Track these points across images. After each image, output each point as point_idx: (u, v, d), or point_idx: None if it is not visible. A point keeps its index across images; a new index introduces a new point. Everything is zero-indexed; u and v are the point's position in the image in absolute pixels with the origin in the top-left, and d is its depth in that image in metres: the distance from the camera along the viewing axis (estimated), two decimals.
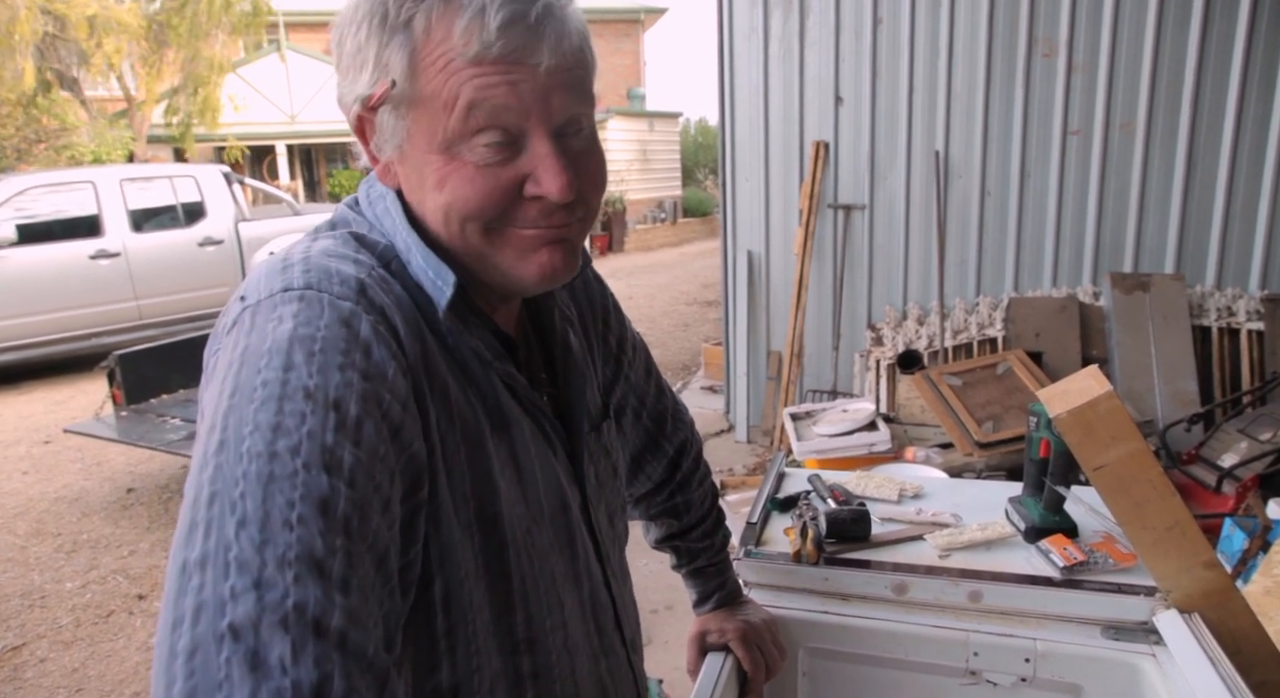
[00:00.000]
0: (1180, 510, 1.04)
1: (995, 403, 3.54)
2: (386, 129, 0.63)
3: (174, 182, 7.18)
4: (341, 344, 0.54)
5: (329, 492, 0.49)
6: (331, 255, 0.61)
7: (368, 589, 0.49)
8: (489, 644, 0.64)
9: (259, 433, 0.50)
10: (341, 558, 0.48)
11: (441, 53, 0.59)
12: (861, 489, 1.49)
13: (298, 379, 0.52)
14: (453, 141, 0.61)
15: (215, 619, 0.45)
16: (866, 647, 1.23)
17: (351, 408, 0.52)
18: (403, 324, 0.60)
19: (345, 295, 0.57)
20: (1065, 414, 1.04)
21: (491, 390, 0.67)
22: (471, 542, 0.62)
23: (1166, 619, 1.08)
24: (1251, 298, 3.70)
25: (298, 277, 0.58)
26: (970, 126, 4.01)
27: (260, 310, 0.57)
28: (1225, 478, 3.06)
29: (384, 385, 0.55)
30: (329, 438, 0.51)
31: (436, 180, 0.62)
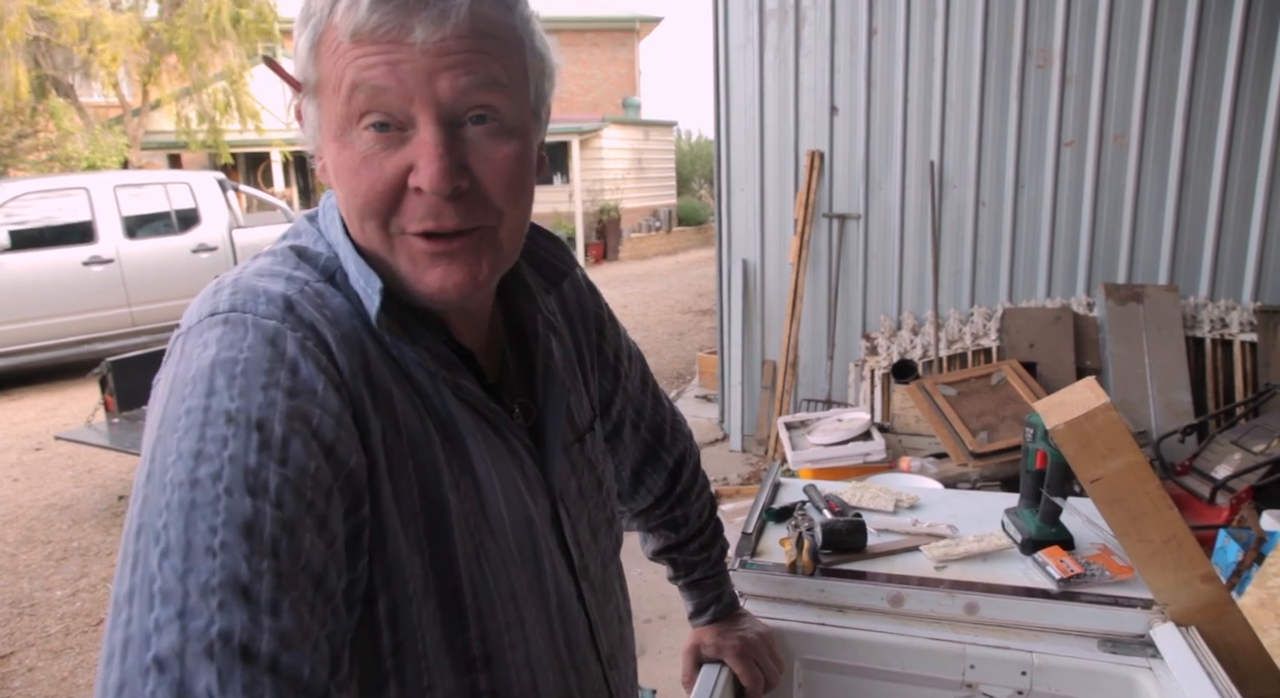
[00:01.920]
0: (1177, 523, 1.04)
1: (990, 413, 3.54)
2: (309, 121, 0.63)
3: (168, 188, 7.16)
4: (265, 364, 0.54)
5: (253, 515, 0.49)
6: (263, 274, 0.60)
7: (303, 610, 0.48)
8: (441, 662, 0.62)
9: (181, 461, 0.50)
10: (269, 581, 0.47)
11: (331, 35, 0.58)
12: (857, 500, 1.49)
13: (219, 404, 0.51)
14: (344, 128, 0.59)
15: (141, 652, 0.44)
16: (862, 659, 1.22)
17: (276, 427, 0.51)
18: (338, 338, 0.58)
19: (270, 314, 0.56)
20: (1062, 426, 1.04)
21: (440, 401, 0.64)
22: (420, 557, 0.61)
23: (1163, 633, 1.08)
24: (1245, 309, 3.72)
25: (224, 300, 0.58)
26: (965, 137, 4.03)
27: (189, 338, 0.57)
28: (1219, 489, 3.07)
29: (313, 401, 0.54)
30: (252, 460, 0.50)
31: (334, 171, 0.61)
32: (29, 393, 6.40)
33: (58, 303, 6.40)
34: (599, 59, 19.38)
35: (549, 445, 0.74)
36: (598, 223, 14.82)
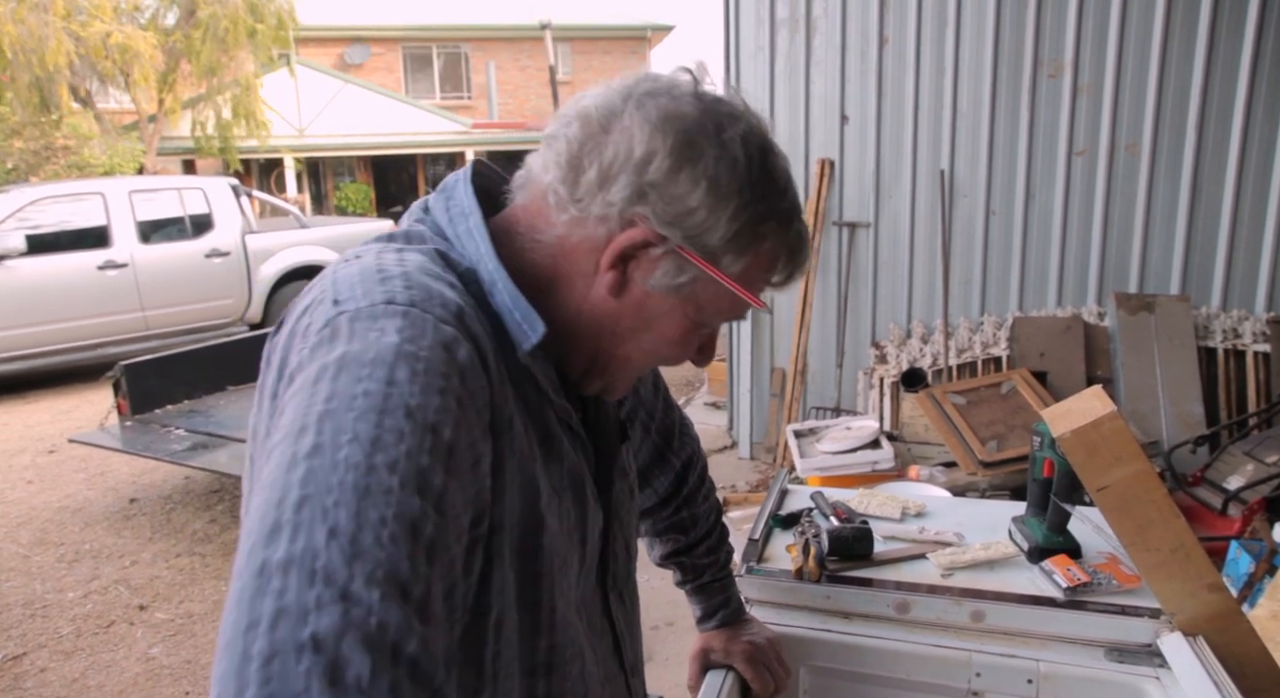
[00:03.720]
0: (1185, 533, 1.04)
1: (999, 422, 3.53)
2: (664, 268, 0.66)
3: (182, 193, 7.22)
4: (442, 367, 0.54)
5: (420, 514, 0.49)
6: (429, 274, 0.61)
7: (439, 619, 0.49)
8: (515, 667, 0.65)
9: (357, 444, 0.49)
10: (424, 584, 0.48)
11: (760, 271, 0.69)
12: (864, 507, 1.49)
13: (400, 396, 0.51)
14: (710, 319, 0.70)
15: (297, 627, 0.43)
16: (868, 666, 1.22)
17: (447, 432, 0.52)
18: (492, 353, 0.60)
19: (447, 319, 0.57)
20: (1069, 434, 1.04)
21: (545, 421, 0.68)
22: (515, 570, 0.63)
23: (1171, 642, 1.07)
24: (1257, 320, 3.69)
25: (400, 291, 0.57)
26: (975, 146, 4.02)
27: (360, 319, 0.55)
28: (1231, 501, 3.05)
29: (473, 415, 0.56)
30: (425, 460, 0.50)
31: (674, 336, 0.70)
32: (44, 396, 6.46)
33: (72, 307, 6.46)
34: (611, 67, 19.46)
35: (613, 468, 0.78)
36: None
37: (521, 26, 16.75)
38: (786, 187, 0.68)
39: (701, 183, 0.63)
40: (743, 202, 0.64)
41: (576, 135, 0.65)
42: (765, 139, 0.68)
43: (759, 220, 0.66)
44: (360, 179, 16.92)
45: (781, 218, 0.67)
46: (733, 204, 0.64)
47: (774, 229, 0.67)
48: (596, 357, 0.71)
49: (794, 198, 0.69)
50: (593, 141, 0.64)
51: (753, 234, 0.66)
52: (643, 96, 0.65)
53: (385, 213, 15.48)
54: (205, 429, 4.15)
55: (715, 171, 0.63)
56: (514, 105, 18.56)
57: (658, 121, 0.64)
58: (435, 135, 15.97)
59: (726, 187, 0.64)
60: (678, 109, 0.64)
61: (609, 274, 0.66)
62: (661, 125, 0.64)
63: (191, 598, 3.32)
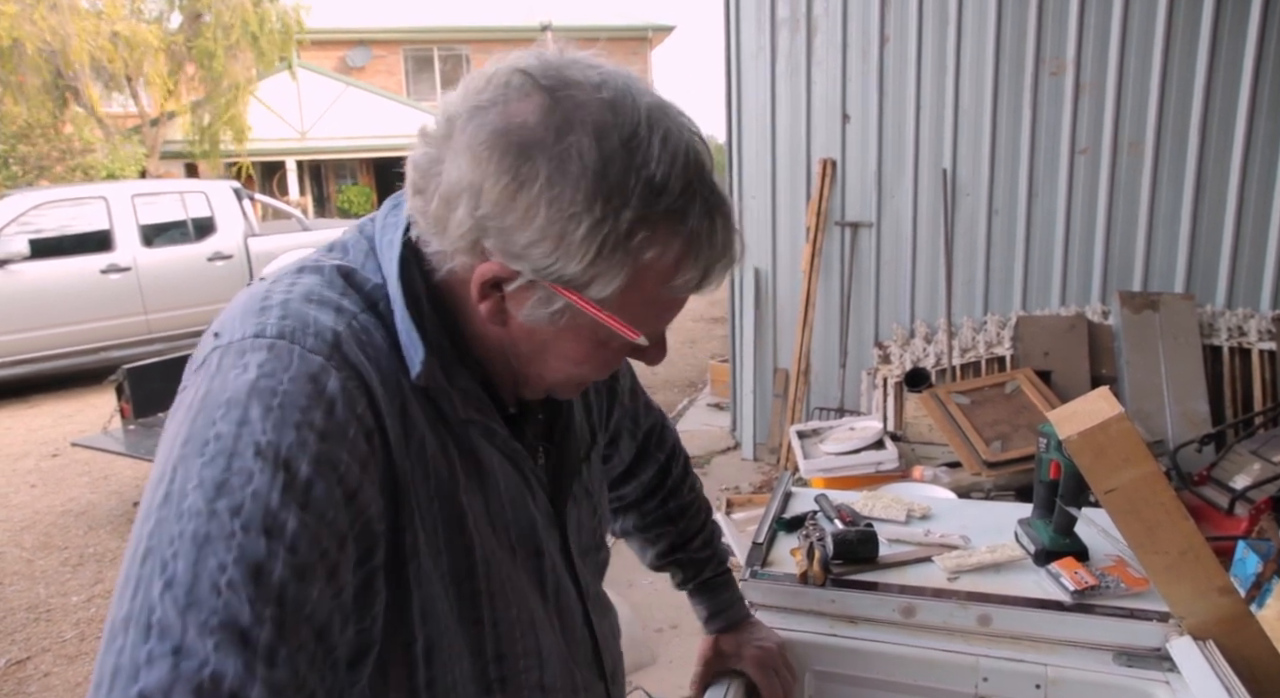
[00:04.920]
0: (1193, 535, 1.03)
1: (1003, 422, 3.51)
2: (532, 300, 0.59)
3: (185, 197, 7.23)
4: (303, 401, 0.52)
5: (265, 557, 0.48)
6: (313, 299, 0.58)
7: (300, 662, 0.47)
8: (468, 688, 0.64)
9: (201, 490, 0.49)
10: (270, 629, 0.46)
11: (655, 287, 0.58)
12: (869, 510, 1.48)
13: (250, 435, 0.50)
14: (610, 339, 0.62)
15: (128, 685, 0.43)
16: (874, 670, 1.21)
17: (303, 469, 0.50)
18: (380, 380, 0.57)
19: (318, 349, 0.55)
20: (1076, 436, 1.03)
21: (469, 441, 0.65)
22: (446, 594, 0.62)
23: (1180, 646, 1.06)
24: (1263, 318, 3.68)
25: (272, 323, 0.56)
26: (978, 145, 4.01)
27: (229, 354, 0.55)
28: (1238, 500, 3.03)
29: (343, 447, 0.53)
30: (275, 499, 0.49)
31: (578, 357, 0.63)
32: (47, 400, 6.47)
33: (76, 310, 6.47)
34: None
35: (564, 477, 0.76)
36: None
37: (522, 28, 16.75)
38: (669, 179, 0.55)
39: (540, 208, 0.54)
40: (595, 218, 0.54)
41: (419, 157, 0.59)
42: (634, 129, 0.55)
43: (627, 233, 0.55)
44: (362, 181, 16.94)
45: (663, 219, 0.56)
46: (585, 224, 0.54)
47: (656, 236, 0.56)
48: (513, 372, 0.68)
49: (685, 189, 0.56)
50: (432, 166, 0.58)
51: (624, 251, 0.55)
52: (474, 109, 0.56)
53: None
54: None
55: (556, 192, 0.53)
56: None
57: (486, 140, 0.55)
58: None
59: (572, 205, 0.54)
60: (513, 118, 0.55)
61: (483, 305, 0.60)
62: (489, 145, 0.54)
63: None
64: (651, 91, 0.58)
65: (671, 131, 0.57)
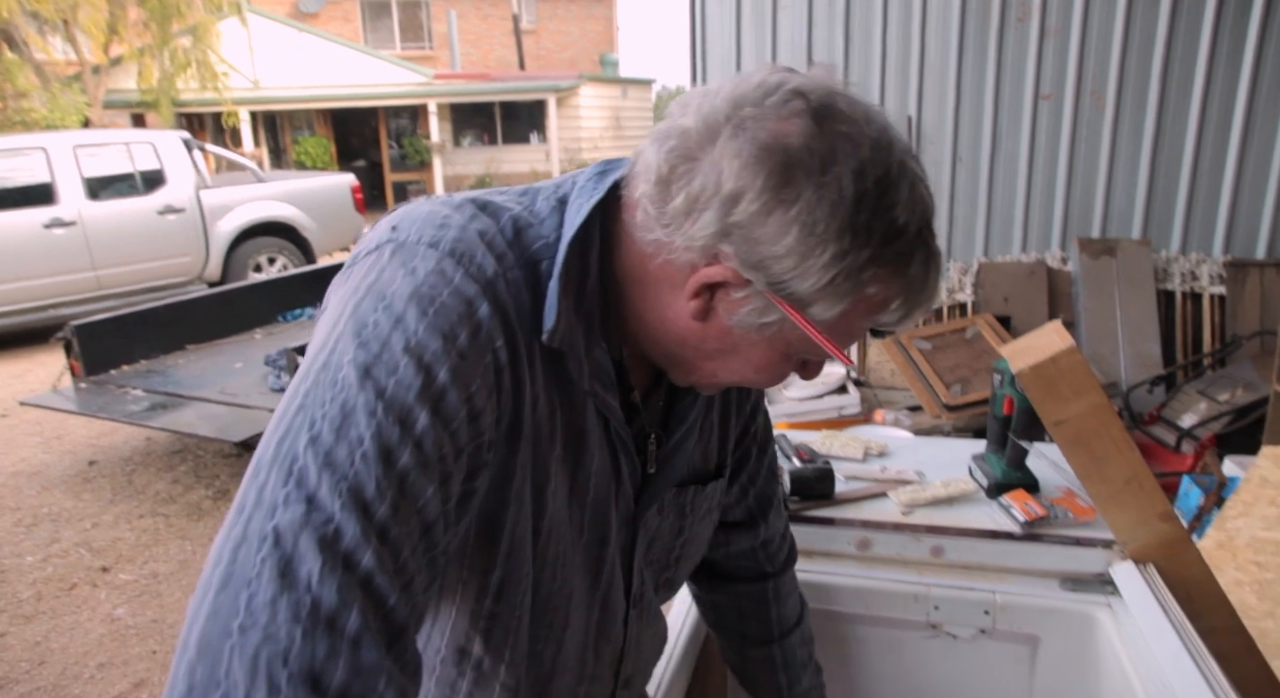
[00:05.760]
0: (1138, 464, 1.05)
1: (964, 366, 3.57)
2: (749, 307, 0.61)
3: (131, 148, 6.95)
4: (454, 317, 0.56)
5: (397, 442, 0.52)
6: (485, 238, 0.61)
7: (404, 547, 0.51)
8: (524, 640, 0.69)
9: (354, 367, 0.53)
10: (388, 507, 0.51)
11: (863, 317, 0.62)
12: (827, 448, 1.49)
13: (403, 333, 0.54)
14: (800, 354, 0.65)
15: (265, 518, 0.49)
16: (830, 603, 1.24)
17: (441, 376, 0.54)
18: (520, 328, 0.60)
19: (477, 278, 0.58)
20: (1027, 369, 1.04)
21: (580, 414, 0.67)
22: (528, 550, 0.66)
23: (1122, 570, 1.09)
24: (1215, 262, 3.75)
25: (448, 241, 0.59)
26: (943, 91, 3.99)
27: (401, 251, 0.59)
28: (1184, 438, 3.13)
29: (476, 370, 0.56)
30: (411, 396, 0.53)
31: (761, 364, 0.66)
32: None
33: (18, 267, 6.23)
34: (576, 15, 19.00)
35: (657, 484, 0.77)
36: None
37: None
38: (908, 225, 0.59)
39: (793, 228, 0.56)
40: (841, 249, 0.57)
41: (672, 153, 0.60)
42: (887, 170, 0.58)
43: (861, 267, 0.58)
44: (320, 133, 16.46)
45: (893, 261, 0.59)
46: (829, 252, 0.57)
47: (883, 274, 0.59)
48: (678, 362, 0.69)
49: (916, 236, 0.60)
50: (685, 166, 0.59)
51: (853, 281, 0.58)
52: (746, 119, 0.58)
53: (346, 167, 15.10)
54: (164, 389, 4.07)
55: (811, 217, 0.56)
56: (477, 56, 18.09)
57: (752, 154, 0.57)
58: (396, 87, 15.53)
59: (824, 232, 0.56)
60: (780, 137, 0.57)
61: (693, 301, 0.63)
62: (756, 159, 0.56)
63: (156, 558, 3.28)
64: (904, 138, 0.62)
65: (917, 181, 0.61)
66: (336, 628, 0.47)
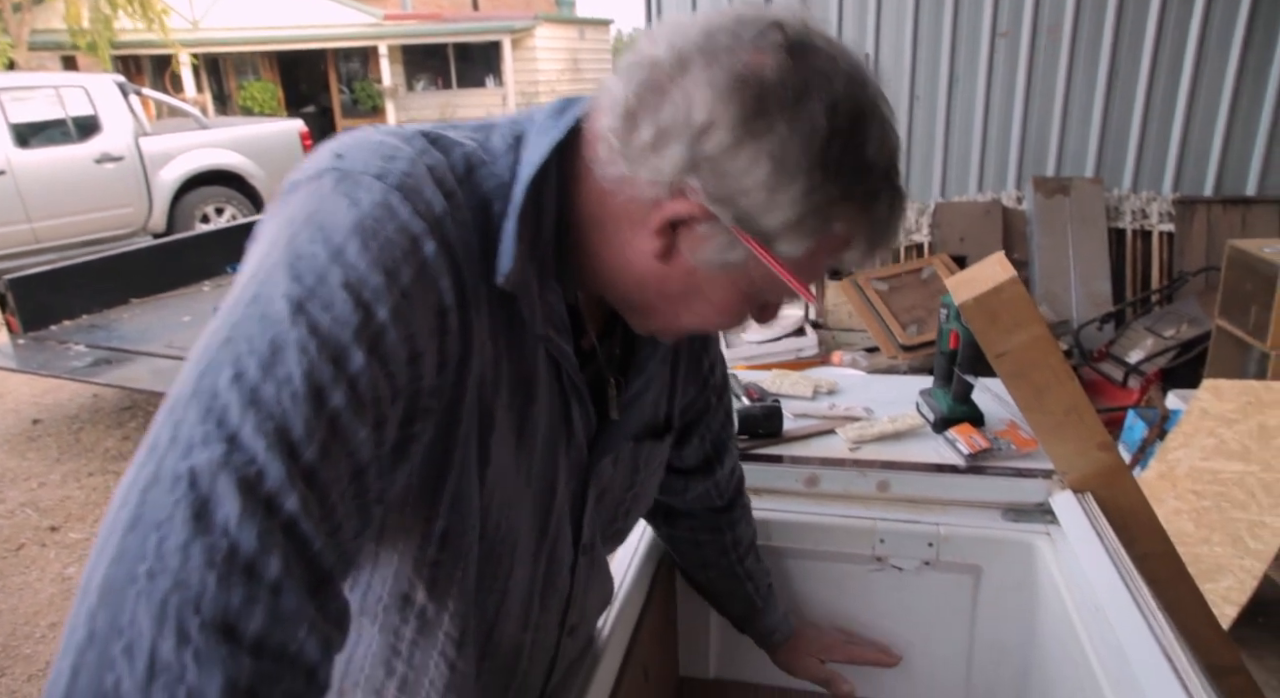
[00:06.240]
0: (1078, 394, 1.05)
1: (920, 307, 3.59)
2: (713, 244, 0.60)
3: (61, 92, 6.61)
4: (398, 253, 0.53)
5: (329, 382, 0.49)
6: (435, 173, 0.58)
7: (335, 492, 0.49)
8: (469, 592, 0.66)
9: (285, 302, 0.50)
10: (316, 449, 0.48)
11: (826, 255, 0.61)
12: (777, 387, 1.49)
13: (341, 267, 0.51)
14: (766, 292, 0.64)
15: (180, 457, 0.45)
16: (778, 539, 1.24)
17: (380, 315, 0.51)
18: (469, 269, 0.57)
19: (425, 215, 0.55)
20: (971, 301, 1.03)
21: (530, 360, 0.65)
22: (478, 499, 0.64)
23: (1061, 500, 1.11)
24: (1164, 200, 3.79)
25: (396, 173, 0.55)
26: (900, 27, 3.93)
27: (345, 181, 0.55)
28: (1131, 373, 3.20)
29: (419, 310, 0.53)
30: (348, 333, 0.50)
31: (723, 306, 0.64)
32: None
33: None
34: None
35: (609, 434, 0.75)
36: None
37: None
38: (878, 163, 0.59)
39: (763, 162, 0.55)
40: (811, 184, 0.56)
41: (641, 85, 0.58)
42: (860, 107, 0.57)
43: (830, 203, 0.57)
44: (266, 77, 15.85)
45: (862, 199, 0.59)
46: (799, 187, 0.56)
47: (850, 212, 0.59)
48: (638, 306, 0.67)
49: (884, 175, 0.60)
50: (653, 97, 0.57)
51: (820, 218, 0.58)
52: (720, 49, 0.56)
53: (295, 113, 14.58)
54: (109, 344, 3.94)
55: (783, 150, 0.55)
56: None
57: (725, 86, 0.55)
58: (345, 28, 14.96)
59: (794, 167, 0.55)
60: (754, 69, 0.55)
61: (656, 240, 0.61)
62: (729, 91, 0.55)
63: None
64: (875, 79, 0.60)
65: (887, 121, 0.60)
66: (255, 574, 0.44)
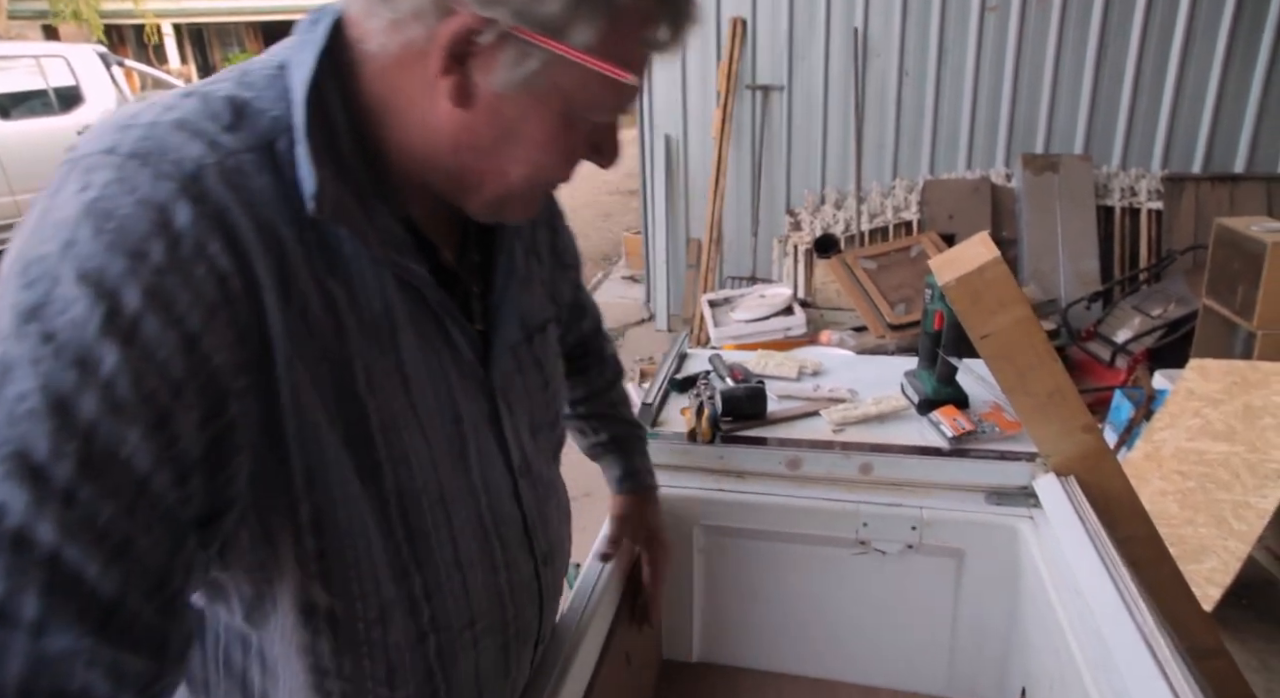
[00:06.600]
0: (1061, 376, 1.05)
1: (908, 286, 3.58)
2: (504, 59, 0.54)
3: (41, 62, 6.49)
4: (143, 227, 0.47)
5: (73, 389, 0.43)
6: (185, 127, 0.52)
7: (111, 505, 0.44)
8: (377, 570, 0.60)
9: (14, 313, 0.44)
10: (72, 465, 0.42)
11: (629, 34, 0.56)
12: (761, 368, 1.48)
13: (74, 258, 0.45)
14: (585, 112, 0.58)
15: None
16: (761, 522, 1.24)
17: (131, 301, 0.45)
18: (248, 226, 0.51)
19: (172, 176, 0.49)
20: (954, 281, 1.02)
21: (378, 291, 0.59)
22: (347, 464, 0.57)
23: (1044, 483, 1.10)
24: (1153, 178, 3.78)
25: (130, 140, 0.50)
26: (889, 1, 3.88)
27: (75, 169, 0.49)
28: (1118, 353, 3.20)
29: (184, 286, 0.47)
30: (92, 330, 0.44)
31: (544, 138, 0.58)
32: None
33: None
34: None
35: (497, 342, 0.70)
36: None
37: None
38: None
39: None
40: None
41: None
42: None
43: None
44: (251, 48, 15.57)
45: None
46: None
47: None
48: (464, 179, 0.61)
49: None
50: None
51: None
52: None
53: None
54: None
55: None
56: None
57: None
58: None
59: None
60: None
61: (445, 81, 0.55)
62: None
63: None
64: None
65: None
66: (8, 617, 0.40)
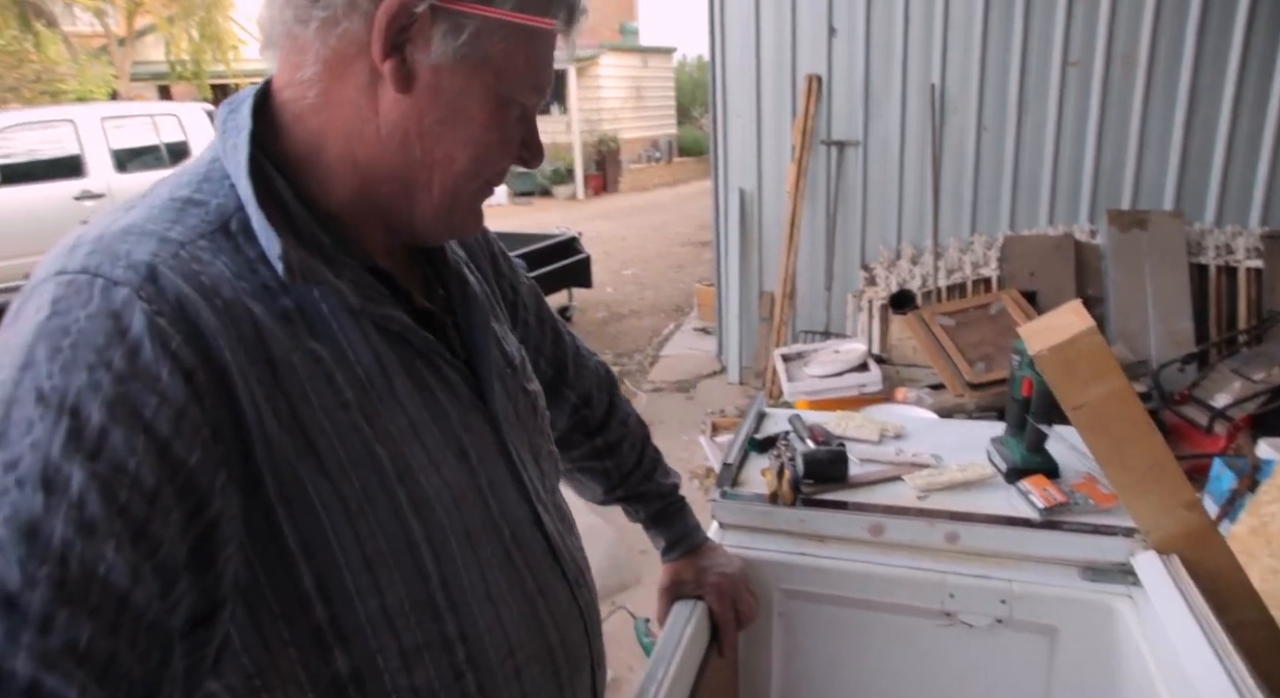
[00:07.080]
0: (1161, 450, 1.01)
1: (988, 343, 3.51)
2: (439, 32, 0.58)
3: (156, 120, 7.00)
4: (100, 339, 0.47)
5: (42, 514, 0.43)
6: (133, 232, 0.53)
7: (90, 627, 0.43)
8: (400, 621, 0.60)
9: None
10: (46, 591, 0.42)
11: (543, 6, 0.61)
12: (841, 430, 1.46)
13: (32, 380, 0.46)
14: (514, 95, 0.62)
15: None
16: (842, 588, 1.22)
17: (94, 416, 0.45)
18: (218, 309, 0.52)
19: (126, 281, 0.50)
20: (1046, 351, 1.00)
21: (363, 346, 0.60)
22: (354, 525, 0.58)
23: (1144, 560, 1.06)
24: (1251, 235, 3.64)
25: (79, 257, 0.51)
26: (967, 58, 3.88)
27: (31, 297, 0.50)
28: (1217, 418, 3.05)
29: (150, 391, 0.48)
30: (55, 450, 0.44)
31: (484, 120, 0.62)
32: None
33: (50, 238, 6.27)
34: None
35: (483, 368, 0.71)
36: (596, 154, 14.54)
37: None
38: None
39: None
40: None
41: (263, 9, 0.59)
42: None
43: None
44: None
45: None
46: None
47: None
48: (414, 178, 0.63)
49: None
50: None
51: None
52: None
53: None
54: None
55: None
56: None
57: None
58: None
59: None
60: None
61: (387, 65, 0.58)
62: None
63: None
64: None
65: None
66: None
